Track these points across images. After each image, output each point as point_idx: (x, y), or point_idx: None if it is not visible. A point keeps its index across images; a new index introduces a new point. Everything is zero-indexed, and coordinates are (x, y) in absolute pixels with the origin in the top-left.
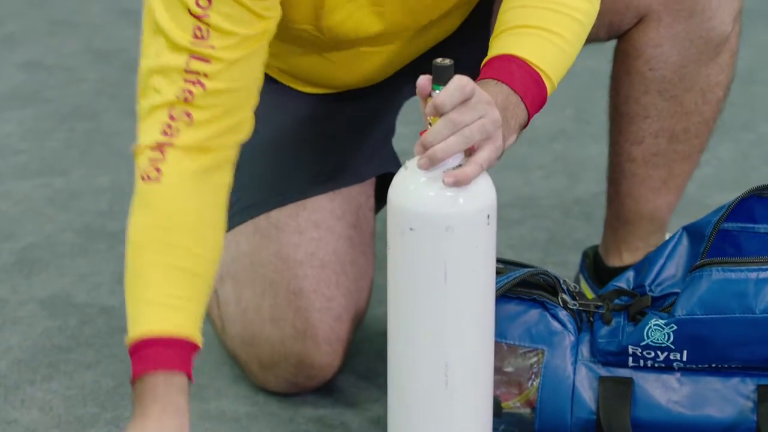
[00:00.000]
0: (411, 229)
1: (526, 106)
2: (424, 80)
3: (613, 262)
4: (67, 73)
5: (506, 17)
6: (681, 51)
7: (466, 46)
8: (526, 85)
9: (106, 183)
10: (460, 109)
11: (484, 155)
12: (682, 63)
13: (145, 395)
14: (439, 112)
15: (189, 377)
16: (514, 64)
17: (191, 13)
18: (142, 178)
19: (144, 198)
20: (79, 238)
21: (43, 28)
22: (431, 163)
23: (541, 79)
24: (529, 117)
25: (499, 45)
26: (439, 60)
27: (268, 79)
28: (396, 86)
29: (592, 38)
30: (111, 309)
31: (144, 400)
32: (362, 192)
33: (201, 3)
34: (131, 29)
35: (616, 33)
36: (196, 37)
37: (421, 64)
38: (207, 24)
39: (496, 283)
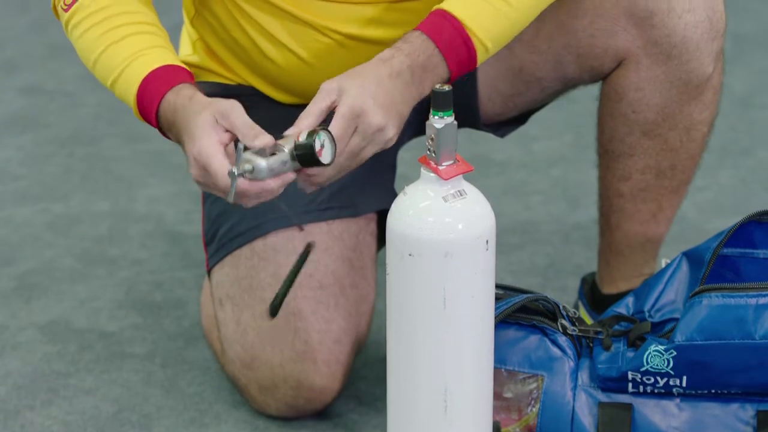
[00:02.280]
0: (410, 254)
1: (448, 66)
2: None
3: (609, 289)
4: (67, 98)
5: None
6: (662, 93)
7: None
8: (453, 44)
9: (105, 208)
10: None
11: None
12: (664, 104)
13: (173, 118)
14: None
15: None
16: (448, 23)
17: None
18: (62, 7)
19: (73, 19)
20: (79, 264)
21: (43, 53)
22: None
23: (471, 42)
24: (451, 78)
25: (444, 2)
26: (437, 85)
27: (263, 97)
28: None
29: (577, 81)
30: (110, 334)
31: (176, 123)
32: (362, 217)
33: None
34: None
35: (598, 76)
36: None
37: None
38: None
39: (496, 308)
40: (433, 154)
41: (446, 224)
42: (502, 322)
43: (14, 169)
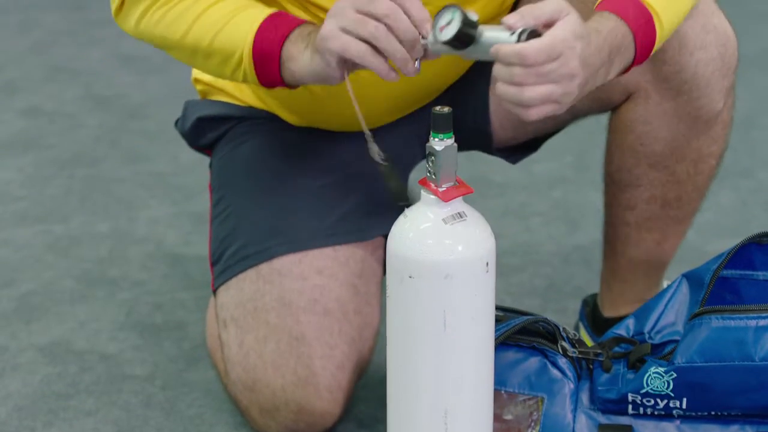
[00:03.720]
0: (410, 276)
1: (636, 48)
2: None
3: (610, 313)
4: (67, 119)
5: None
6: (671, 127)
7: (469, 93)
8: (639, 24)
9: (105, 230)
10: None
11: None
12: (673, 138)
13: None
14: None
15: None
16: (632, 3)
17: None
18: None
19: (155, 5)
20: (79, 285)
21: (43, 74)
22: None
23: (653, 22)
24: (634, 63)
25: None
26: (437, 108)
27: (274, 119)
28: (404, 148)
29: (586, 112)
30: (111, 356)
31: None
32: (369, 243)
33: None
34: (131, 75)
35: (606, 107)
36: None
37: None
38: None
39: (496, 330)
40: (433, 176)
41: (446, 246)
42: (502, 344)
43: (15, 191)
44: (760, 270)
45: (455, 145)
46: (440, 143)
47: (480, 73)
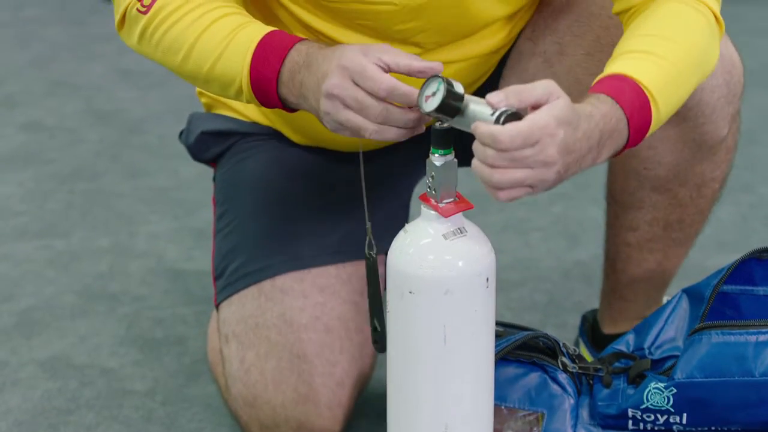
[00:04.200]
0: (410, 292)
1: (629, 133)
2: None
3: (610, 330)
4: (68, 134)
5: (630, 44)
6: (675, 152)
7: None
8: (635, 109)
9: (106, 245)
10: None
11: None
12: (677, 162)
13: (306, 61)
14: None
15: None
16: (628, 86)
17: None
18: (138, 10)
19: (155, 20)
20: (80, 300)
21: (44, 89)
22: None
23: (649, 109)
24: (626, 146)
25: (621, 65)
26: (437, 124)
27: (277, 136)
28: (408, 168)
29: None
30: (111, 371)
31: (310, 65)
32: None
33: None
34: (132, 90)
35: None
36: None
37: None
38: None
39: (496, 346)
40: (434, 192)
41: (446, 262)
42: (502, 359)
43: (15, 205)
44: (761, 285)
45: (455, 160)
46: (440, 159)
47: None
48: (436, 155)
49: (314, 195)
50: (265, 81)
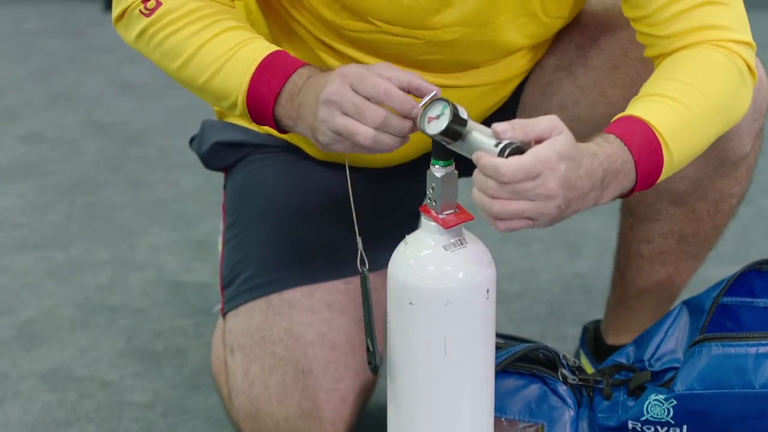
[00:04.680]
0: (411, 303)
1: (636, 176)
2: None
3: (613, 340)
4: (68, 146)
5: (657, 86)
6: (697, 166)
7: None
8: (644, 152)
9: (106, 257)
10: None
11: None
12: (698, 177)
13: (306, 84)
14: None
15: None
16: (639, 127)
17: None
18: (141, 12)
19: (157, 24)
20: (80, 312)
21: (44, 100)
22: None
23: (661, 153)
24: (635, 189)
25: (637, 108)
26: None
27: (291, 149)
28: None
29: None
30: (111, 383)
31: (310, 86)
32: (378, 274)
33: None
34: (132, 102)
35: None
36: None
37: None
38: None
39: (496, 357)
40: (434, 203)
41: (447, 273)
42: (502, 371)
43: (15, 217)
44: (761, 297)
45: (456, 172)
46: (440, 170)
47: (508, 106)
48: (437, 167)
49: (325, 209)
50: (263, 102)
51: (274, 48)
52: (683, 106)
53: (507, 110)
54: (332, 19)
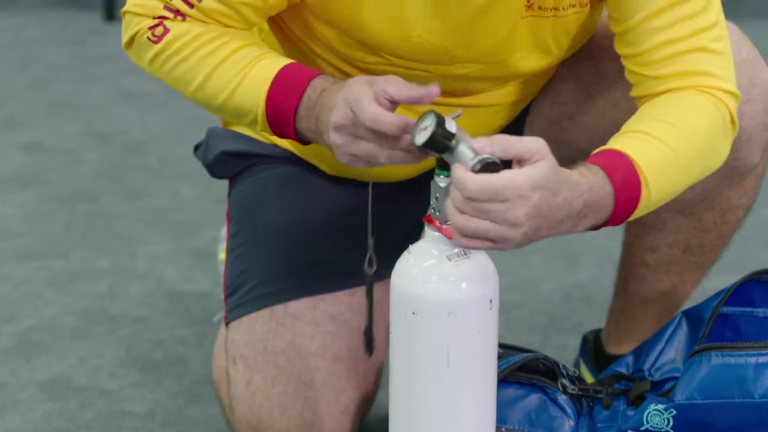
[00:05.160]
0: (413, 313)
1: (614, 210)
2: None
3: (614, 350)
4: (68, 155)
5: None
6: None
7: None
8: (625, 188)
9: (106, 266)
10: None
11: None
12: (706, 186)
13: (318, 98)
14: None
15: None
16: (622, 162)
17: None
18: (149, 39)
19: (168, 50)
20: (79, 321)
21: (44, 110)
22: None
23: (639, 189)
24: (608, 223)
25: (623, 143)
26: None
27: (296, 160)
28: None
29: None
30: (111, 392)
31: (324, 98)
32: (383, 284)
33: None
34: (131, 111)
35: None
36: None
37: None
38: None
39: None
40: (438, 213)
41: (450, 283)
42: (502, 380)
43: (15, 226)
44: (760, 307)
45: None
46: (444, 180)
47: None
48: (441, 177)
49: (330, 220)
50: (284, 117)
51: (286, 61)
52: (666, 146)
53: (516, 120)
54: (344, 51)
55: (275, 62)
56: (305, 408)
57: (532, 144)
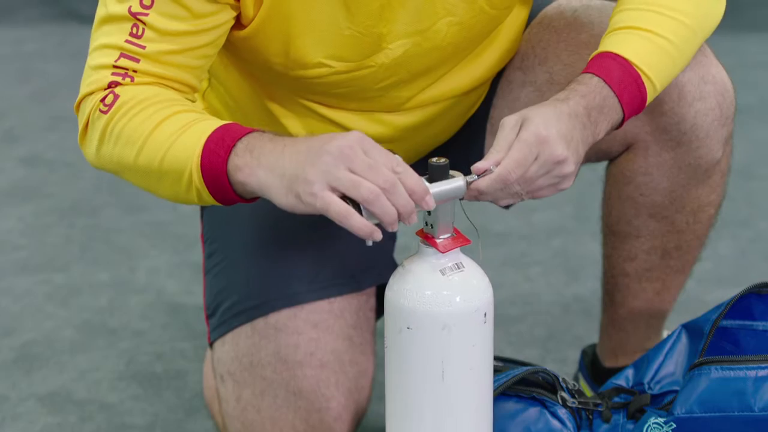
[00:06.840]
0: (408, 327)
1: (622, 107)
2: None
3: (611, 363)
4: (68, 168)
5: (615, 19)
6: (670, 177)
7: (464, 150)
8: (624, 84)
9: (105, 279)
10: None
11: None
12: (672, 188)
13: (259, 153)
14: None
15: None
16: (616, 63)
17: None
18: (100, 110)
19: (114, 118)
20: (79, 335)
21: (44, 123)
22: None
23: (641, 80)
24: (624, 119)
25: (605, 43)
26: (434, 159)
27: None
28: None
29: (584, 161)
30: (111, 405)
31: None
32: (363, 293)
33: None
34: None
35: (605, 157)
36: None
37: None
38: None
39: (496, 381)
40: (431, 228)
41: (444, 297)
42: (501, 394)
43: (15, 240)
44: (760, 320)
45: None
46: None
47: (478, 122)
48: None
49: (305, 230)
50: (217, 156)
51: (229, 122)
52: (658, 36)
53: (476, 125)
54: (285, 72)
55: (218, 122)
56: (297, 418)
57: (510, 126)
